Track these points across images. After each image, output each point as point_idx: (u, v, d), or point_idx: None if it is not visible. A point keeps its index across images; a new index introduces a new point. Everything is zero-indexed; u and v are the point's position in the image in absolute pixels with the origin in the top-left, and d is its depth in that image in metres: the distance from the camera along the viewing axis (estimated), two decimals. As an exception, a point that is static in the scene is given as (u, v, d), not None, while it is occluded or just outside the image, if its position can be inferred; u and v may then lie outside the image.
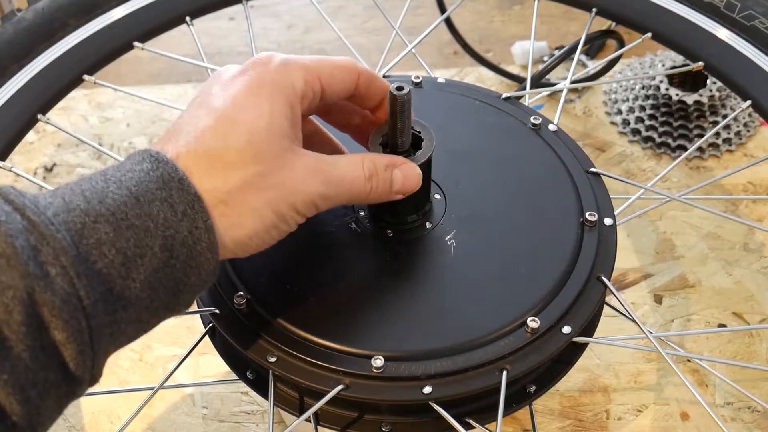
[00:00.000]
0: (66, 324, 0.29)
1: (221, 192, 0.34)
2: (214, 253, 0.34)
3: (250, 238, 0.36)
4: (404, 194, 0.42)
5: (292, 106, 0.37)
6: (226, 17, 0.99)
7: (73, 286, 0.29)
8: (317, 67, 0.39)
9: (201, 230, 0.33)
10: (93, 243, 0.30)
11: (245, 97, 0.36)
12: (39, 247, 0.29)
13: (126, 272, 0.31)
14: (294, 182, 0.36)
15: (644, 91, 0.80)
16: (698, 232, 0.71)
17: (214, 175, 0.34)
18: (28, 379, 0.28)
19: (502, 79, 0.87)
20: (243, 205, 0.35)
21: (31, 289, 0.28)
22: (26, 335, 0.28)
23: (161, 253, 0.32)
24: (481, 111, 0.53)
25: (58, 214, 0.30)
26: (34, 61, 0.56)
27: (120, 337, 0.32)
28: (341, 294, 0.43)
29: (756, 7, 0.56)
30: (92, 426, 0.59)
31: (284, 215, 0.36)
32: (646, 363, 0.62)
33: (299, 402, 0.44)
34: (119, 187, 0.32)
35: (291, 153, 0.37)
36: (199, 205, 0.33)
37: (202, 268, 0.34)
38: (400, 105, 0.40)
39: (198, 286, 0.34)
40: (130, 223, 0.31)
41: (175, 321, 0.65)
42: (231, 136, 0.35)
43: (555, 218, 0.46)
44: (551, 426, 0.58)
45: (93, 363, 0.31)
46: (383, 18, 0.66)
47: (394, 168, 0.41)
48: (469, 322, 0.41)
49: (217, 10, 0.63)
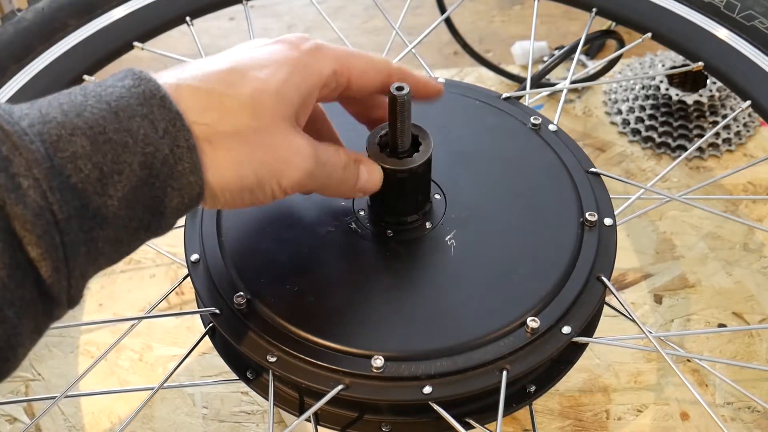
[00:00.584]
0: (39, 239, 0.28)
1: (210, 130, 0.33)
2: (198, 175, 0.32)
3: (222, 189, 0.34)
4: (365, 193, 0.42)
5: (311, 88, 0.37)
6: (226, 17, 0.99)
7: (46, 199, 0.28)
8: (350, 60, 0.38)
9: (183, 149, 0.32)
10: (68, 156, 0.29)
11: (267, 59, 0.36)
12: (11, 157, 0.28)
13: (102, 188, 0.30)
14: (286, 150, 0.35)
15: (644, 91, 0.80)
16: (698, 232, 0.71)
17: (207, 113, 0.33)
18: (5, 298, 0.27)
19: (502, 79, 0.87)
20: (227, 151, 0.34)
21: (2, 202, 0.27)
22: (2, 252, 0.27)
23: (140, 170, 0.31)
24: (481, 111, 0.53)
25: (33, 125, 0.29)
26: (34, 62, 0.56)
27: (99, 258, 0.31)
28: (341, 294, 0.43)
29: (756, 7, 0.56)
30: (92, 426, 0.59)
31: (264, 181, 0.35)
32: (646, 363, 0.62)
33: (299, 402, 0.44)
34: (98, 101, 0.31)
35: (290, 126, 0.36)
36: (181, 123, 0.32)
37: (185, 190, 0.32)
38: (400, 105, 0.40)
39: (180, 209, 0.33)
40: (107, 137, 0.30)
41: (175, 321, 0.65)
42: (237, 85, 0.34)
43: (555, 218, 0.46)
44: (551, 426, 0.58)
45: (69, 282, 0.30)
46: (383, 18, 0.66)
47: (360, 163, 0.41)
48: (469, 322, 0.41)
49: (217, 10, 0.64)
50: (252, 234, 0.45)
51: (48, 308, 0.30)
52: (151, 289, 0.68)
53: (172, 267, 0.69)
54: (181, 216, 0.34)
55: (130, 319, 0.49)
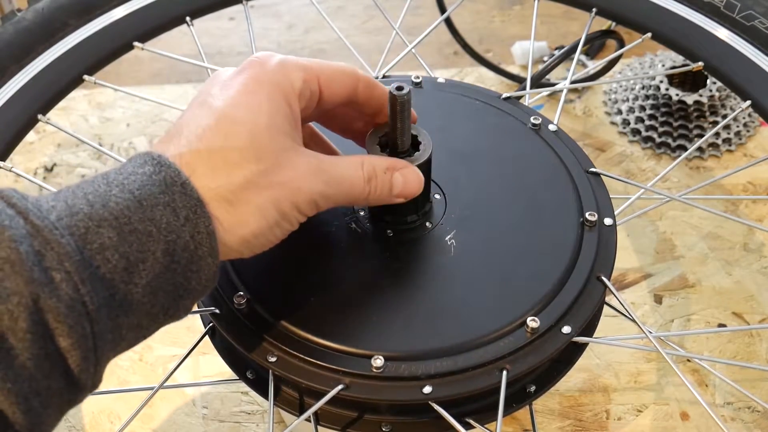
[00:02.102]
0: (71, 330, 0.29)
1: (225, 191, 0.34)
2: (215, 258, 0.34)
3: (255, 236, 0.36)
4: (405, 198, 0.42)
5: (291, 104, 0.37)
6: (226, 17, 0.99)
7: (78, 291, 0.29)
8: (316, 68, 0.39)
9: (203, 235, 0.33)
10: (97, 248, 0.30)
11: (244, 95, 0.36)
12: (43, 252, 0.29)
13: (129, 277, 0.31)
14: (296, 181, 0.36)
15: (644, 91, 0.80)
16: (698, 232, 0.71)
17: (218, 174, 0.34)
18: (32, 387, 0.28)
19: (502, 79, 0.87)
20: (247, 204, 0.35)
21: (36, 296, 0.28)
22: (32, 343, 0.28)
23: (163, 257, 0.32)
24: (481, 111, 0.53)
25: (61, 218, 0.30)
26: (34, 62, 0.56)
27: (120, 343, 0.32)
28: (341, 294, 0.43)
29: (756, 7, 0.56)
30: (92, 426, 0.59)
31: (287, 213, 0.36)
32: (646, 363, 0.62)
33: (299, 402, 0.44)
34: (122, 191, 0.32)
35: (292, 152, 0.37)
36: (201, 209, 0.33)
37: (203, 272, 0.34)
38: (400, 105, 0.40)
39: (198, 291, 0.34)
40: (133, 227, 0.31)
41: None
42: (232, 135, 0.35)
43: (555, 218, 0.46)
44: (551, 426, 0.58)
45: (95, 369, 0.30)
46: (383, 18, 0.66)
47: (395, 171, 0.41)
48: (469, 322, 0.41)
49: (217, 10, 0.63)
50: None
51: (72, 396, 0.31)
52: (151, 289, 0.68)
53: (172, 267, 0.69)
54: (198, 299, 0.35)
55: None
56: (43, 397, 0.29)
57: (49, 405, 0.29)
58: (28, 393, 0.28)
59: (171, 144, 0.35)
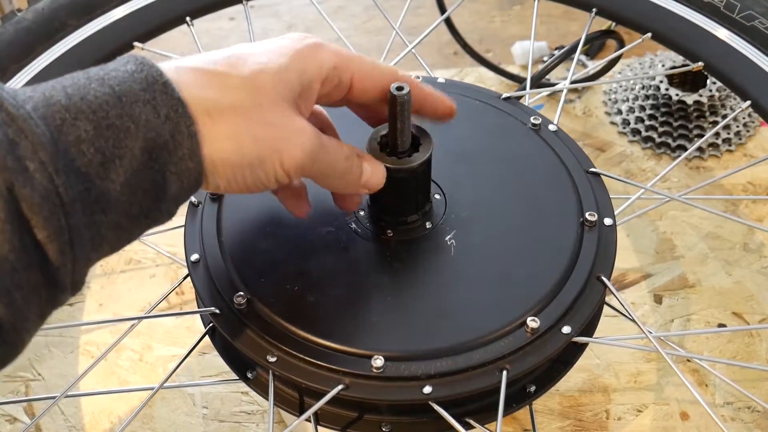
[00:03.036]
0: (46, 221, 0.28)
1: (210, 104, 0.33)
2: (196, 162, 0.33)
3: (223, 163, 0.34)
4: (369, 190, 0.42)
5: (311, 77, 0.37)
6: (226, 17, 0.99)
7: (52, 182, 0.28)
8: (354, 61, 0.39)
9: (183, 135, 0.32)
10: (72, 140, 0.30)
11: (268, 49, 0.36)
12: (17, 140, 0.28)
13: (105, 172, 0.30)
14: (288, 129, 0.36)
15: (644, 91, 0.80)
16: (698, 232, 0.71)
17: (209, 89, 0.34)
18: (14, 280, 0.28)
19: (502, 79, 0.87)
20: (226, 125, 0.34)
21: (10, 184, 0.27)
22: (11, 234, 0.27)
23: (141, 155, 0.31)
24: (481, 111, 0.53)
25: (37, 108, 0.29)
26: (35, 62, 0.56)
27: (101, 243, 0.31)
28: (341, 294, 0.43)
29: (756, 7, 0.56)
30: (92, 426, 0.59)
31: (265, 158, 0.35)
32: (646, 363, 0.62)
33: (299, 402, 0.44)
34: (101, 85, 0.31)
35: (291, 107, 0.36)
36: (183, 109, 0.32)
37: (183, 175, 0.33)
38: (400, 105, 0.40)
39: (179, 195, 0.33)
40: (110, 122, 0.31)
41: (175, 321, 0.65)
42: (238, 67, 0.35)
43: (555, 218, 0.46)
44: (551, 426, 0.58)
45: (74, 266, 0.30)
46: (383, 18, 0.66)
47: (364, 160, 0.41)
48: (469, 322, 0.41)
49: (217, 10, 0.64)
50: (252, 234, 0.45)
51: (52, 293, 0.30)
52: (151, 289, 0.68)
53: (172, 267, 0.69)
54: (181, 203, 0.34)
55: (130, 319, 0.49)
56: (24, 291, 0.28)
57: (30, 300, 0.29)
58: (9, 286, 0.28)
59: (173, 60, 0.35)
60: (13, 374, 0.62)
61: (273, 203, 0.46)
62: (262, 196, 0.46)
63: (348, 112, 0.45)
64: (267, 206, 0.47)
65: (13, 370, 0.62)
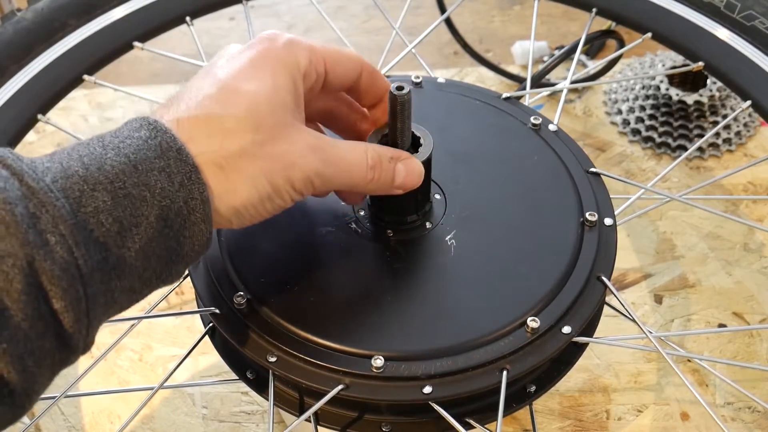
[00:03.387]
0: (65, 292, 0.29)
1: (218, 156, 0.34)
2: (208, 224, 0.34)
3: (245, 206, 0.36)
4: (405, 189, 0.42)
5: (296, 82, 0.37)
6: (226, 17, 0.99)
7: (72, 254, 0.29)
8: (323, 50, 0.39)
9: (197, 201, 0.33)
10: (91, 211, 0.30)
11: (249, 69, 0.36)
12: (38, 214, 0.29)
13: (122, 241, 0.31)
14: (292, 155, 0.36)
15: (644, 91, 0.80)
16: (698, 232, 0.71)
17: (212, 140, 0.34)
18: (27, 348, 0.28)
19: (502, 79, 0.87)
20: (239, 172, 0.35)
21: (31, 258, 0.28)
22: (26, 304, 0.28)
23: (156, 222, 0.32)
24: (481, 111, 0.53)
25: (56, 180, 0.30)
26: (34, 61, 0.56)
27: (113, 306, 0.32)
28: (341, 294, 0.43)
29: (756, 7, 0.56)
30: (92, 426, 0.59)
31: (279, 188, 0.36)
32: (646, 363, 0.62)
33: (299, 402, 0.44)
34: (117, 155, 0.32)
35: (292, 127, 0.37)
36: (196, 175, 0.33)
37: (196, 238, 0.34)
38: (400, 105, 0.40)
39: (190, 256, 0.34)
40: (128, 192, 0.31)
41: (175, 321, 0.65)
42: (232, 104, 0.35)
43: (555, 218, 0.46)
44: (551, 426, 0.58)
45: (87, 331, 0.31)
46: (383, 18, 0.66)
47: (398, 161, 0.41)
48: (470, 322, 0.41)
49: (217, 10, 0.63)
50: (252, 234, 0.45)
51: (64, 356, 0.31)
52: (151, 289, 0.68)
53: (172, 267, 0.69)
54: (190, 263, 0.35)
55: (130, 319, 0.49)
56: (36, 357, 0.29)
57: (42, 365, 0.30)
58: (23, 353, 0.28)
59: (170, 109, 0.35)
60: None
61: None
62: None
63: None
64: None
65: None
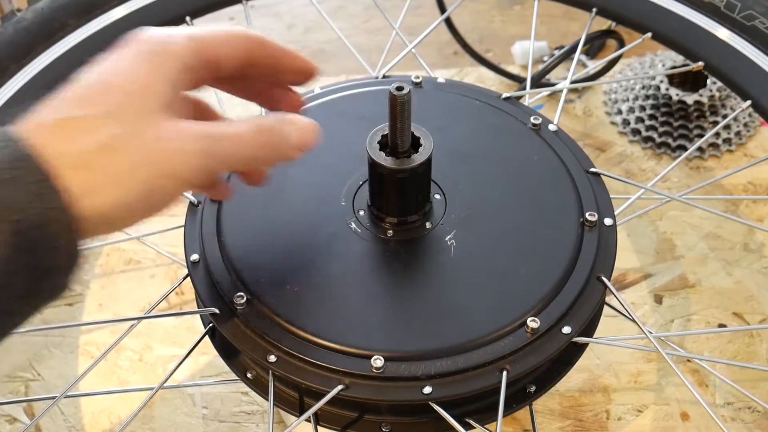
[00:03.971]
0: None
1: (75, 157, 0.31)
2: (72, 232, 0.31)
3: (117, 205, 0.32)
4: (303, 149, 0.39)
5: (172, 72, 0.35)
6: (226, 17, 0.99)
7: None
8: (205, 35, 0.37)
9: (56, 210, 0.31)
10: None
11: (119, 64, 0.35)
12: None
13: None
14: (165, 144, 0.33)
15: (644, 91, 0.80)
16: (698, 232, 0.71)
17: (72, 140, 0.32)
18: None
19: (502, 79, 0.87)
20: (101, 170, 0.32)
21: None
22: None
23: (13, 237, 0.30)
24: (481, 111, 0.53)
25: None
26: (34, 62, 0.56)
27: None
28: (341, 294, 0.43)
29: (756, 7, 0.56)
30: (92, 426, 0.59)
31: (154, 184, 0.33)
32: (646, 363, 0.62)
33: (299, 402, 0.44)
34: None
35: (164, 119, 0.34)
36: (52, 182, 0.31)
37: (62, 249, 0.31)
38: (400, 105, 0.40)
39: (62, 268, 0.32)
40: None
41: (175, 321, 0.65)
42: (93, 102, 0.33)
43: (555, 218, 0.46)
44: (551, 426, 0.58)
45: None
46: (383, 18, 0.66)
47: (284, 123, 0.38)
48: (469, 322, 0.41)
49: (217, 10, 0.63)
50: (252, 234, 0.45)
51: None
52: (151, 289, 0.68)
53: (172, 267, 0.69)
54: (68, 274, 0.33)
55: (130, 319, 0.49)
56: None
57: None
58: None
59: (34, 116, 0.33)
60: (13, 374, 0.62)
61: (273, 204, 0.46)
62: (262, 197, 0.46)
63: (346, 111, 0.45)
64: (267, 206, 0.47)
65: (12, 370, 0.62)
